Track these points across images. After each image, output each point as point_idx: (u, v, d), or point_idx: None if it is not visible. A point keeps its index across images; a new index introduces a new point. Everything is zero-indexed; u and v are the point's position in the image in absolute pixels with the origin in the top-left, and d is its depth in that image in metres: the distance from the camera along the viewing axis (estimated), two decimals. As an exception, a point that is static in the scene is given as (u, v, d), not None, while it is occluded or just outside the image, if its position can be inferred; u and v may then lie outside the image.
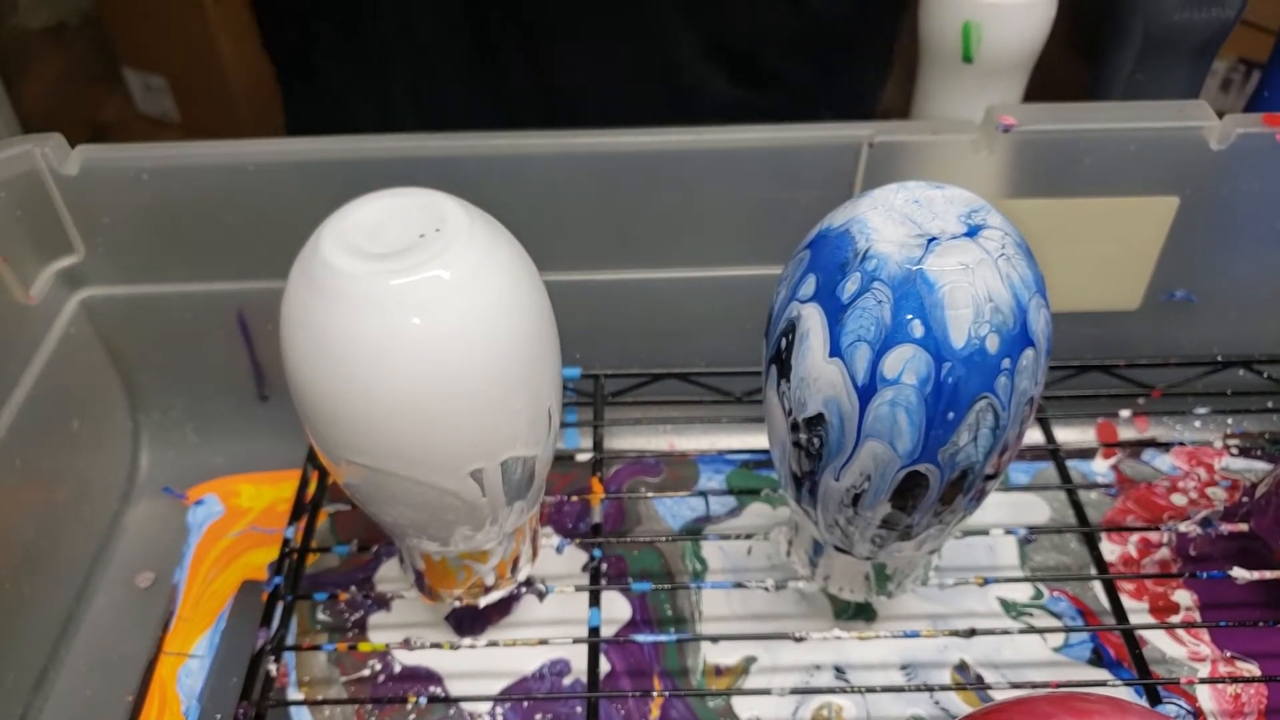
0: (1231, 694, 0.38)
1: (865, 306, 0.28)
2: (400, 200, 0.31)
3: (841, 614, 0.42)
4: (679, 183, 0.43)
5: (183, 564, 0.45)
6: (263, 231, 0.42)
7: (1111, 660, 0.40)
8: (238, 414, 0.48)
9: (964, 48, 0.43)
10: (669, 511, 0.46)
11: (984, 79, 0.46)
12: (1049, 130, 0.41)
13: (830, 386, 0.29)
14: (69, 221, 0.42)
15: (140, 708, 0.40)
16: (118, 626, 0.43)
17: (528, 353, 0.31)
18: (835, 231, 0.30)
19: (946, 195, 0.30)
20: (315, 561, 0.44)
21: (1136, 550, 0.43)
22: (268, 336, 0.46)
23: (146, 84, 1.43)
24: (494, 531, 0.35)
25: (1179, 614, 0.41)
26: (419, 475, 0.31)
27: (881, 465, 0.30)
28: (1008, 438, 0.30)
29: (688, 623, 0.42)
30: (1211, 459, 0.47)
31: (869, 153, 0.41)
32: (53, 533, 0.42)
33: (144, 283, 0.44)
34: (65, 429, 0.43)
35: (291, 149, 0.41)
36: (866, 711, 0.38)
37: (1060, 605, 0.42)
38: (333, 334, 0.28)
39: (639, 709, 0.39)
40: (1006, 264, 0.28)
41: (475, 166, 0.42)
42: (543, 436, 0.33)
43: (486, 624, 0.42)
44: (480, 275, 0.29)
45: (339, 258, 0.29)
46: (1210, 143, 0.41)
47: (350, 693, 0.40)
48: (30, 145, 0.40)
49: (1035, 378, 0.30)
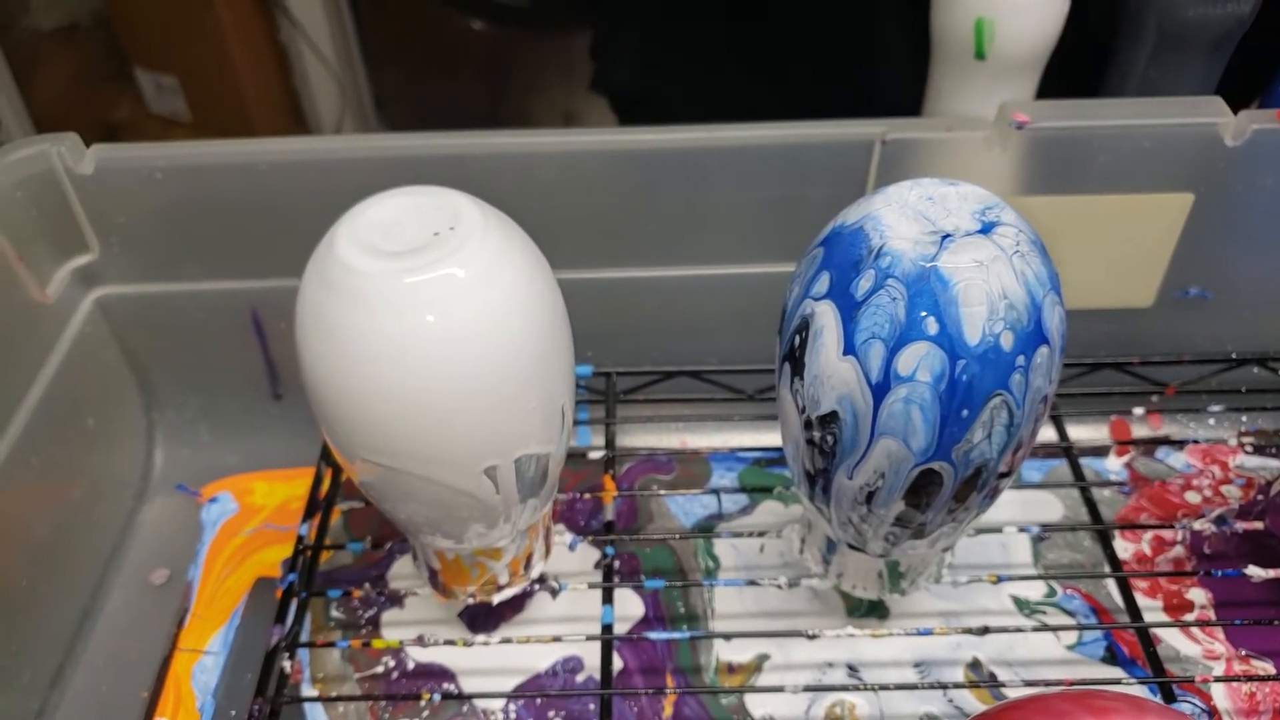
0: (1246, 693, 0.38)
1: (879, 304, 0.28)
2: (415, 198, 0.31)
3: (854, 611, 0.42)
4: (691, 180, 0.43)
5: (197, 561, 0.45)
6: (276, 230, 0.42)
7: (1125, 658, 0.40)
8: (251, 412, 0.49)
9: (977, 44, 0.43)
10: (681, 509, 0.46)
11: (997, 76, 0.46)
12: (1062, 127, 0.41)
13: (844, 384, 0.29)
14: (84, 220, 0.42)
15: (155, 704, 0.40)
16: (133, 624, 0.43)
17: (541, 350, 0.31)
18: (849, 229, 0.30)
19: (960, 192, 0.30)
20: (329, 559, 0.44)
21: (1150, 548, 0.43)
22: (281, 335, 0.46)
23: (158, 84, 1.44)
24: (507, 529, 0.35)
25: (1193, 612, 0.41)
26: (433, 473, 0.31)
27: (895, 463, 0.30)
28: (1022, 435, 0.30)
29: (700, 620, 0.42)
30: (1226, 457, 0.46)
31: (881, 150, 0.41)
32: (68, 530, 0.42)
33: (158, 281, 0.44)
34: (80, 427, 0.44)
35: (304, 148, 0.41)
36: (879, 709, 0.38)
37: (1074, 603, 0.42)
38: (347, 332, 0.29)
39: (652, 706, 0.39)
40: (1021, 261, 0.28)
41: (487, 165, 0.42)
42: (556, 434, 0.33)
43: (500, 621, 0.42)
44: (494, 273, 0.29)
45: (354, 256, 0.29)
46: (1225, 139, 0.41)
47: (364, 689, 0.40)
48: (46, 145, 0.40)
49: (1050, 375, 0.30)
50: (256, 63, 1.42)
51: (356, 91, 1.49)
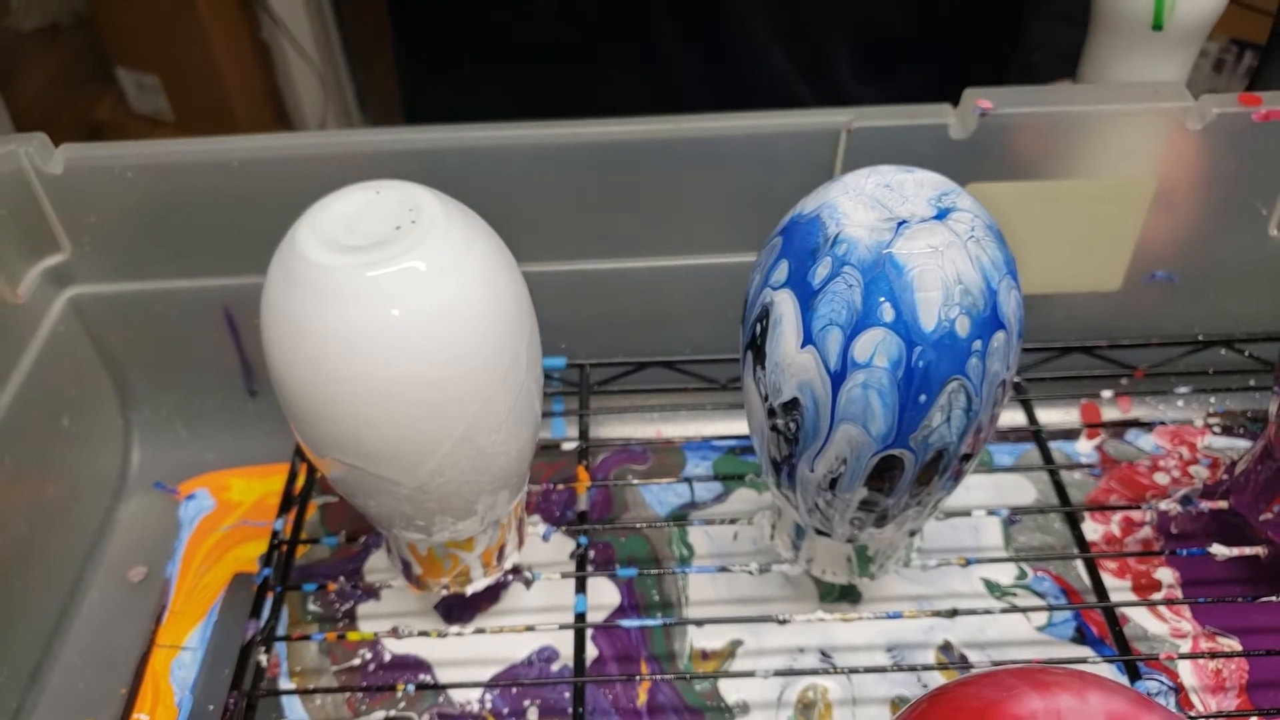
0: (1213, 669, 0.39)
1: (836, 291, 0.29)
2: (376, 192, 0.31)
3: (826, 597, 0.42)
4: (661, 171, 0.43)
5: (174, 558, 0.45)
6: (249, 227, 0.42)
7: (1094, 638, 0.40)
8: (227, 409, 0.49)
9: (1156, 14, 0.42)
10: (655, 498, 0.46)
11: (1167, 47, 0.45)
12: (1026, 113, 0.41)
13: (804, 371, 0.30)
14: (55, 220, 0.42)
15: (134, 700, 0.40)
16: (111, 621, 0.43)
17: (506, 341, 0.31)
18: (806, 217, 0.30)
19: (917, 179, 0.31)
20: (306, 553, 0.45)
21: (1120, 529, 0.44)
22: (255, 332, 0.46)
23: (139, 83, 1.43)
24: (476, 521, 0.35)
25: (1161, 591, 0.42)
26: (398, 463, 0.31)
27: (856, 448, 0.30)
28: (981, 420, 0.31)
29: (675, 608, 0.42)
30: (1194, 438, 0.47)
31: (847, 138, 0.41)
32: (45, 529, 0.43)
33: (131, 280, 0.45)
34: (56, 426, 0.44)
35: (276, 144, 0.41)
36: (851, 693, 0.39)
37: (1044, 585, 0.42)
38: (311, 327, 0.29)
39: (626, 693, 0.39)
40: (976, 246, 0.29)
41: (457, 159, 0.42)
42: (524, 425, 0.33)
43: (475, 612, 0.42)
44: (456, 265, 0.29)
45: (315, 251, 0.29)
46: (1188, 123, 0.41)
47: (341, 682, 0.40)
48: (14, 145, 0.40)
49: (1007, 360, 0.30)
50: (239, 61, 1.42)
51: (339, 89, 1.49)
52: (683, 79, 0.62)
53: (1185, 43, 0.44)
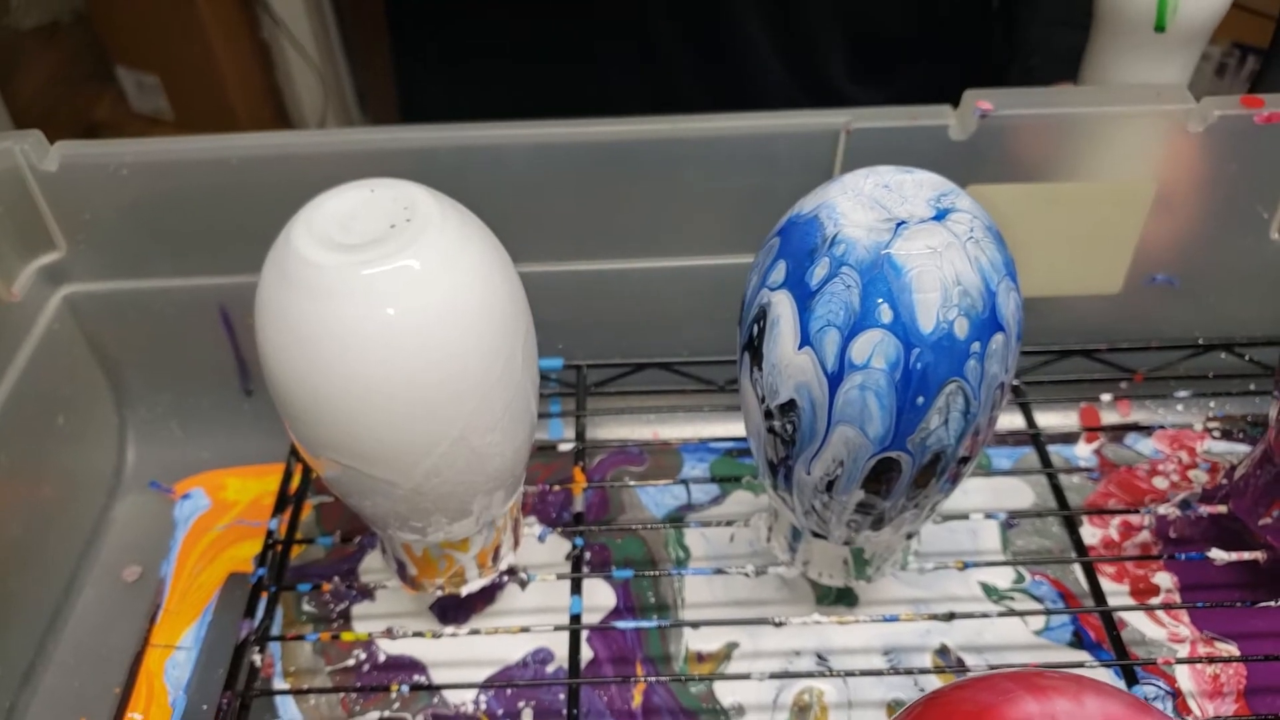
0: (1210, 674, 0.38)
1: (834, 291, 0.28)
2: (370, 191, 0.31)
3: (823, 599, 0.42)
4: (659, 172, 0.43)
5: (169, 557, 0.45)
6: (244, 225, 0.42)
7: (1091, 642, 0.40)
8: (222, 408, 0.49)
9: (1159, 16, 0.42)
10: (652, 500, 0.46)
11: (1169, 49, 0.45)
12: (1026, 115, 0.41)
13: (801, 372, 0.29)
14: (50, 218, 0.42)
15: (128, 700, 0.40)
16: (105, 620, 0.43)
17: (501, 340, 0.31)
18: (804, 218, 0.30)
19: (916, 179, 0.30)
20: (301, 553, 0.44)
21: (1118, 533, 0.44)
22: (250, 331, 0.46)
23: (139, 82, 1.43)
24: (471, 522, 0.35)
25: (1159, 596, 0.41)
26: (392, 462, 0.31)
27: (853, 450, 0.30)
28: (979, 422, 0.30)
29: (671, 610, 0.42)
30: (1193, 442, 0.47)
31: (846, 139, 0.41)
32: (40, 528, 0.42)
33: (126, 278, 0.44)
34: (51, 425, 0.44)
35: (272, 142, 0.41)
36: (847, 696, 0.39)
37: (1041, 589, 0.42)
38: (305, 325, 0.29)
39: (621, 695, 0.39)
40: (975, 247, 0.29)
41: (454, 158, 0.42)
42: (520, 426, 0.33)
43: (470, 613, 0.42)
44: (451, 264, 0.29)
45: (310, 249, 0.29)
46: (1189, 125, 0.41)
47: (335, 682, 0.40)
48: (9, 142, 0.40)
49: (1006, 362, 0.30)
50: (238, 60, 1.42)
51: (339, 87, 1.49)
52: (681, 79, 0.61)
53: (1187, 44, 0.44)
